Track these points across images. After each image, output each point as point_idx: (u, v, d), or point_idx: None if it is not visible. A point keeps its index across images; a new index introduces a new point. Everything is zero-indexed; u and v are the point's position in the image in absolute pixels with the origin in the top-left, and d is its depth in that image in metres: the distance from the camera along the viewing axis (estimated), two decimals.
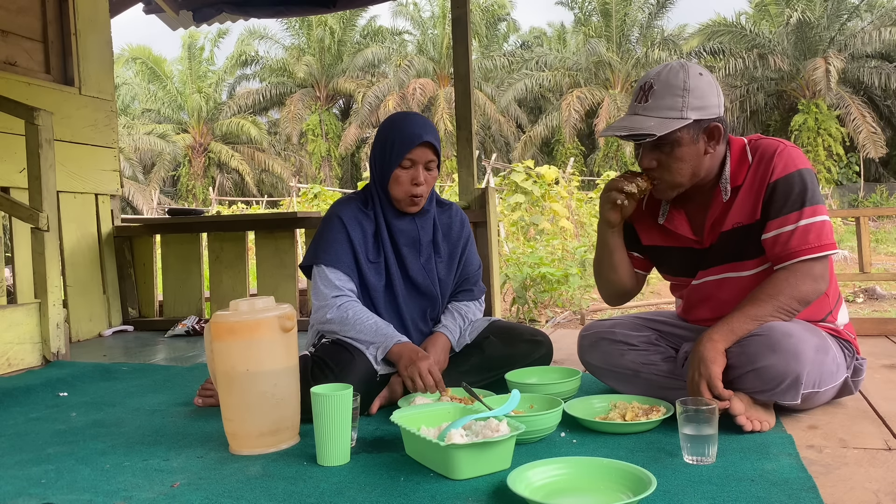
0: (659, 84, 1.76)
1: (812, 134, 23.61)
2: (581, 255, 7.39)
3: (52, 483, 1.65)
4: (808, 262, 1.73)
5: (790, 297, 1.73)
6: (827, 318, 1.90)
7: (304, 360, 2.05)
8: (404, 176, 2.15)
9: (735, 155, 1.84)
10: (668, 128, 1.72)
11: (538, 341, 2.33)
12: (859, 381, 1.95)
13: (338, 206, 2.25)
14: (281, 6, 4.66)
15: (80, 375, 2.88)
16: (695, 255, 1.93)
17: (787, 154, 1.77)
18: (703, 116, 1.75)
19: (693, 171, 1.81)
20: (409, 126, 2.15)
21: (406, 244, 2.24)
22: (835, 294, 1.93)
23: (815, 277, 1.73)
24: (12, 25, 4.00)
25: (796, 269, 1.74)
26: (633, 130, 1.74)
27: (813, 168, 1.80)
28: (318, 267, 2.18)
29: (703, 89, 1.75)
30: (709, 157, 1.81)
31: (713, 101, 1.77)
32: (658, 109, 1.75)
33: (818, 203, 1.74)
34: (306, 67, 29.92)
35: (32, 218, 3.14)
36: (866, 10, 25.33)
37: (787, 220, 1.74)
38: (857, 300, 6.98)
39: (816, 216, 1.74)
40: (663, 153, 1.78)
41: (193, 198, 29.09)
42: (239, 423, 1.80)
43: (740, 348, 1.74)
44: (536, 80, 26.24)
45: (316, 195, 13.21)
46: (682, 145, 1.76)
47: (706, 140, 1.79)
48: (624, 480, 1.40)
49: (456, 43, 3.81)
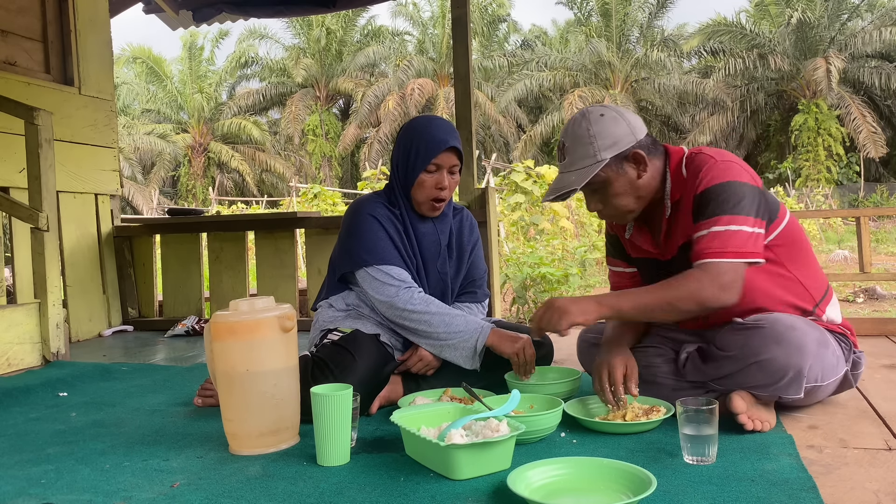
0: (569, 140, 1.87)
1: (812, 134, 23.61)
2: (581, 255, 7.39)
3: (52, 483, 1.65)
4: (712, 265, 1.73)
5: (683, 294, 1.73)
6: (815, 310, 1.90)
7: (305, 361, 2.05)
8: (429, 181, 2.16)
9: (672, 169, 1.90)
10: (587, 176, 1.80)
11: (538, 342, 2.32)
12: (858, 374, 1.96)
13: (368, 206, 2.22)
14: (281, 6, 4.66)
15: (79, 375, 2.88)
16: (662, 266, 1.97)
17: (715, 167, 1.80)
18: (618, 151, 1.82)
19: (635, 196, 1.88)
20: (435, 131, 2.16)
21: (426, 248, 2.25)
22: (820, 288, 1.93)
23: (714, 281, 1.71)
24: (12, 25, 4.00)
25: (698, 271, 1.75)
26: (560, 190, 1.84)
27: (752, 181, 1.80)
28: (371, 268, 2.14)
29: (606, 128, 1.83)
30: (645, 178, 1.86)
31: (622, 132, 1.83)
32: (575, 163, 1.84)
33: (738, 214, 1.74)
34: (306, 68, 29.92)
35: (32, 218, 3.14)
36: (866, 10, 25.33)
37: (702, 227, 1.78)
38: (857, 300, 6.98)
39: (731, 225, 1.74)
40: (600, 195, 1.88)
41: (193, 198, 29.09)
42: (239, 423, 1.80)
43: (744, 340, 1.75)
44: (536, 79, 26.24)
45: (316, 195, 13.20)
46: (611, 183, 1.84)
47: (634, 166, 1.85)
48: (624, 480, 1.40)
49: (456, 43, 3.81)
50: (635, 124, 1.86)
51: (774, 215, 1.85)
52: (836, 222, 16.22)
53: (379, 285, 2.13)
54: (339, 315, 2.25)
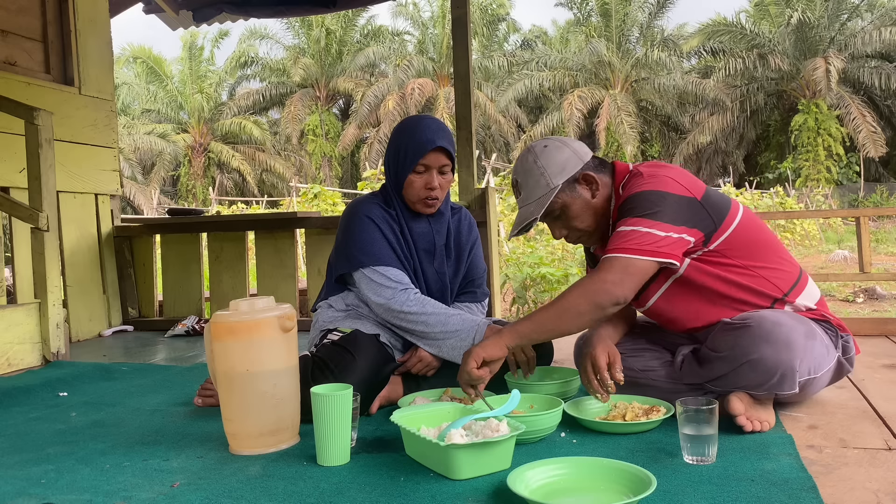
0: (521, 176, 1.95)
1: (812, 134, 23.62)
2: (581, 256, 7.39)
3: (52, 483, 1.65)
4: (604, 261, 1.77)
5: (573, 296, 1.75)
6: (783, 299, 1.89)
7: (305, 361, 2.05)
8: (418, 181, 2.16)
9: (616, 187, 1.94)
10: (544, 203, 1.88)
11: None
12: (851, 357, 1.94)
13: (363, 207, 2.23)
14: (281, 6, 4.66)
15: (79, 375, 2.88)
16: None
17: (640, 182, 1.84)
18: (568, 175, 1.89)
19: (593, 215, 1.93)
20: (422, 131, 2.15)
21: (423, 247, 2.25)
22: (788, 279, 1.91)
23: (605, 276, 1.74)
24: (12, 25, 4.00)
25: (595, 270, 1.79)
26: (522, 223, 1.92)
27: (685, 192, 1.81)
28: (368, 269, 2.15)
29: (552, 157, 1.90)
30: (599, 196, 1.93)
31: (567, 157, 1.91)
32: (531, 196, 1.91)
33: (648, 218, 1.77)
34: (305, 67, 29.92)
35: (32, 218, 3.14)
36: (866, 10, 25.33)
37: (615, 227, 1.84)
38: (857, 300, 6.98)
39: (637, 226, 1.77)
40: (562, 221, 1.94)
41: (193, 198, 29.09)
42: (239, 423, 1.80)
43: (734, 340, 1.76)
44: (536, 79, 26.25)
45: (316, 195, 13.19)
46: (569, 206, 1.91)
47: (586, 187, 1.92)
48: (624, 480, 1.40)
49: (456, 43, 3.81)
50: (579, 149, 1.94)
51: (719, 223, 1.83)
52: (836, 222, 16.23)
53: (376, 286, 2.13)
54: (339, 315, 2.25)
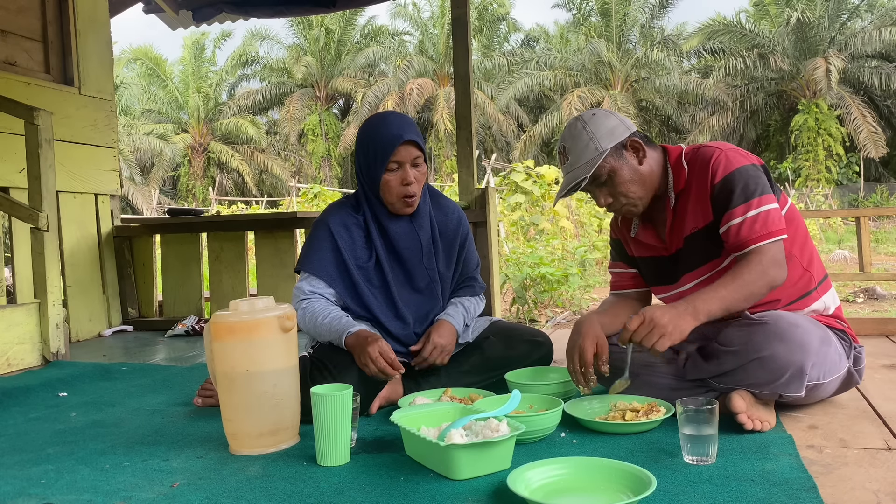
0: (568, 142, 1.95)
1: (812, 134, 23.62)
2: (581, 255, 7.39)
3: (52, 483, 1.65)
4: (764, 248, 1.79)
5: (756, 280, 1.76)
6: (811, 293, 1.93)
7: (303, 362, 2.05)
8: (393, 179, 2.13)
9: (672, 163, 1.96)
10: (594, 165, 1.88)
11: (538, 341, 2.33)
12: (861, 369, 1.96)
13: (327, 212, 2.25)
14: (281, 6, 4.66)
15: (79, 375, 2.88)
16: (666, 262, 2.02)
17: (724, 157, 1.87)
18: (616, 140, 1.90)
19: (640, 183, 1.93)
20: (388, 127, 2.12)
21: (406, 247, 2.22)
22: (819, 272, 1.96)
23: (774, 262, 1.78)
24: (12, 25, 4.00)
25: (756, 255, 1.79)
26: (570, 184, 1.92)
27: (758, 161, 1.89)
28: (300, 274, 2.21)
29: (601, 122, 1.92)
30: (647, 165, 1.93)
31: (615, 124, 1.93)
32: (579, 160, 1.91)
33: (763, 194, 1.82)
34: (306, 67, 29.93)
35: (32, 218, 3.14)
36: (866, 10, 25.33)
37: (735, 214, 1.82)
38: (857, 300, 6.98)
39: (762, 206, 1.81)
40: (608, 186, 1.93)
41: (193, 198, 29.09)
42: (239, 423, 1.80)
43: (747, 335, 1.76)
44: (537, 79, 26.25)
45: (316, 195, 13.22)
46: (617, 171, 1.91)
47: (633, 154, 1.93)
48: (624, 480, 1.40)
49: (456, 43, 3.81)
50: (626, 120, 1.96)
51: (778, 195, 1.90)
52: (836, 222, 16.22)
53: (295, 291, 2.18)
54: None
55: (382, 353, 1.96)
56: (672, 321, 1.70)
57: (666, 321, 1.69)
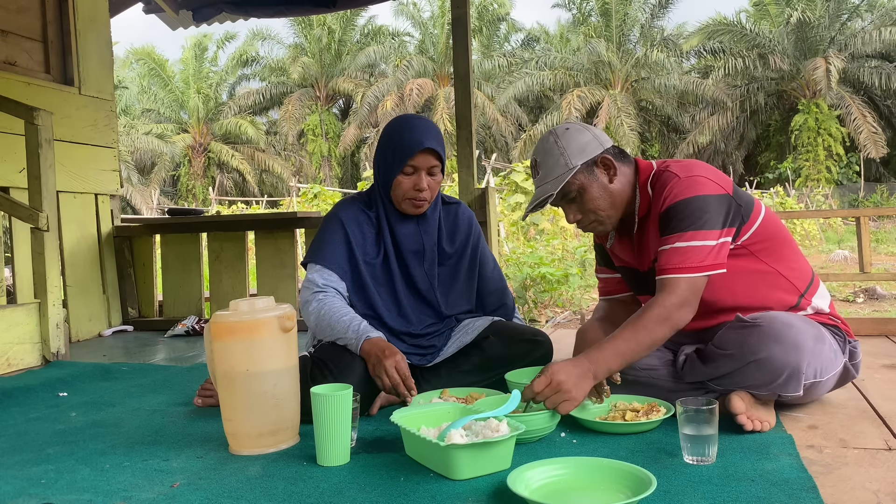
0: (540, 156, 1.95)
1: (812, 134, 23.61)
2: (581, 255, 7.38)
3: (52, 483, 1.64)
4: (671, 281, 1.77)
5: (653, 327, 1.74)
6: (800, 301, 1.92)
7: (304, 362, 2.05)
8: (406, 182, 2.15)
9: (641, 183, 1.96)
10: (562, 182, 1.88)
11: (538, 341, 2.32)
12: (857, 363, 1.96)
13: (340, 207, 2.26)
14: (281, 6, 4.66)
15: (79, 375, 2.88)
16: (642, 276, 2.02)
17: (679, 184, 1.84)
18: (587, 157, 1.90)
19: (610, 201, 1.93)
20: (410, 132, 2.14)
21: (410, 249, 2.24)
22: (804, 278, 1.94)
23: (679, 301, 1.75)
24: (12, 25, 4.00)
25: (662, 290, 1.78)
26: (538, 199, 1.92)
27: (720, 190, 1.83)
28: (311, 265, 2.19)
29: (573, 138, 1.92)
30: (617, 183, 1.93)
31: (587, 140, 1.92)
32: (549, 175, 1.92)
33: (701, 228, 1.78)
34: (303, 68, 29.92)
35: (32, 218, 3.14)
36: (866, 10, 25.33)
37: (665, 242, 1.82)
38: (857, 300, 6.98)
39: (694, 240, 1.78)
40: (577, 204, 1.94)
41: (193, 198, 29.09)
42: (239, 423, 1.80)
43: (742, 338, 1.76)
44: (537, 79, 26.24)
45: (316, 195, 13.22)
46: (586, 189, 1.91)
47: (604, 171, 1.92)
48: (624, 480, 1.40)
49: (456, 43, 3.81)
50: (600, 135, 1.95)
51: (747, 217, 1.87)
52: (836, 222, 16.22)
53: (305, 281, 2.17)
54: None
55: (398, 368, 1.95)
56: (576, 385, 1.70)
57: (570, 386, 1.69)
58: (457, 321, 2.32)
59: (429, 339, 2.25)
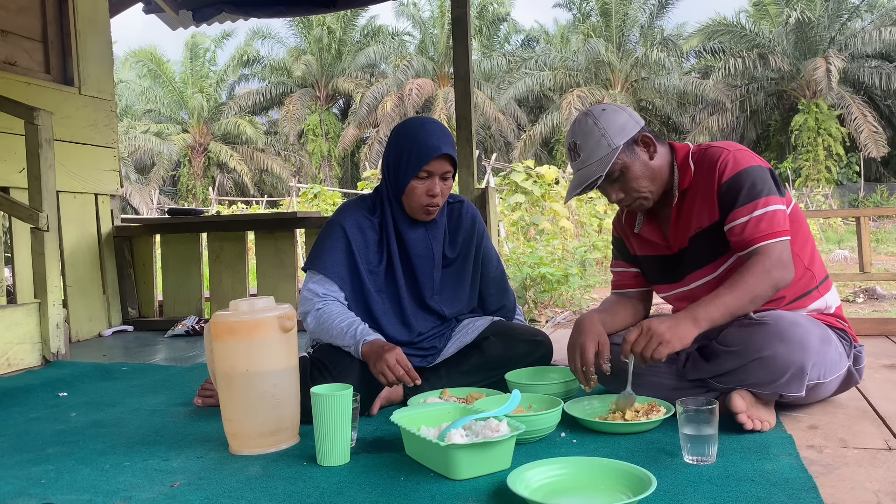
0: (579, 138, 1.93)
1: (812, 134, 23.61)
2: (581, 255, 7.39)
3: (52, 483, 1.65)
4: (769, 247, 1.79)
5: (759, 282, 1.75)
6: (812, 292, 1.93)
7: (303, 362, 2.05)
8: (420, 188, 2.12)
9: (679, 162, 1.97)
10: (608, 162, 1.86)
11: (538, 341, 2.32)
12: (861, 368, 1.97)
13: (342, 213, 2.23)
14: (281, 6, 4.66)
15: (79, 375, 2.88)
16: (670, 260, 2.02)
17: (731, 157, 1.88)
18: (628, 136, 1.90)
19: (652, 178, 1.93)
20: (427, 136, 2.10)
21: (418, 254, 2.22)
22: (821, 272, 1.97)
23: (778, 262, 1.77)
24: (12, 25, 4.00)
25: (760, 256, 1.79)
26: (584, 183, 1.90)
27: (765, 164, 1.89)
28: (311, 272, 2.17)
29: (611, 118, 1.91)
30: (657, 160, 1.93)
31: (625, 120, 1.92)
32: (591, 157, 1.90)
33: (770, 194, 1.82)
34: (306, 67, 29.92)
35: (32, 218, 3.14)
36: (866, 10, 25.32)
37: (741, 213, 1.83)
38: (857, 300, 6.98)
39: (768, 206, 1.81)
40: (620, 183, 1.93)
41: (193, 198, 29.09)
42: (239, 423, 1.80)
43: (747, 336, 1.76)
44: (537, 79, 26.24)
45: (316, 195, 13.21)
46: (629, 167, 1.90)
47: (644, 149, 1.93)
48: (624, 480, 1.40)
49: (456, 43, 3.81)
50: (634, 114, 1.96)
51: (783, 195, 1.90)
52: (836, 222, 16.21)
53: (306, 291, 2.15)
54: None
55: (400, 361, 1.95)
56: (670, 329, 1.70)
57: (664, 329, 1.70)
58: (457, 321, 2.32)
59: (429, 341, 2.25)
